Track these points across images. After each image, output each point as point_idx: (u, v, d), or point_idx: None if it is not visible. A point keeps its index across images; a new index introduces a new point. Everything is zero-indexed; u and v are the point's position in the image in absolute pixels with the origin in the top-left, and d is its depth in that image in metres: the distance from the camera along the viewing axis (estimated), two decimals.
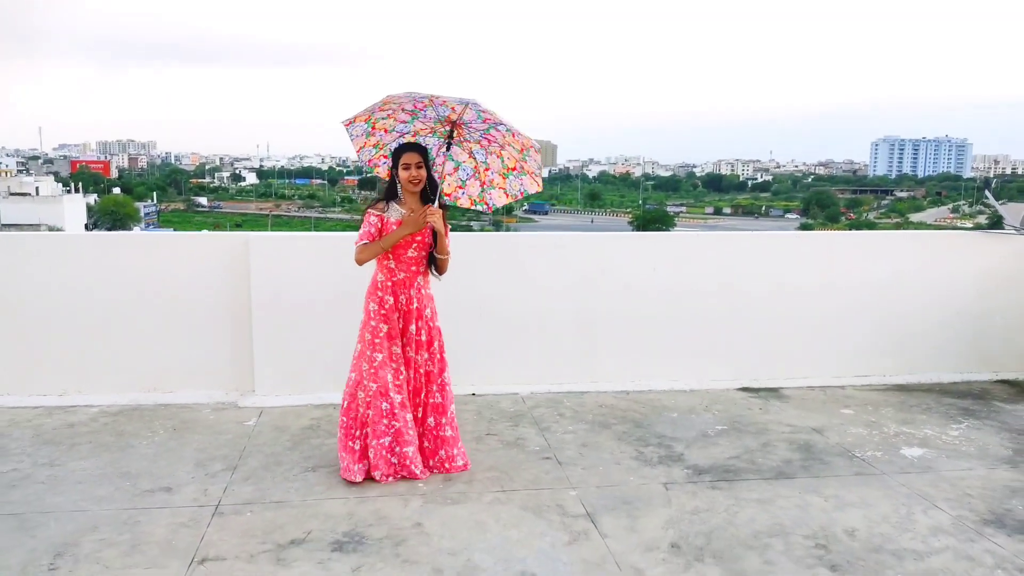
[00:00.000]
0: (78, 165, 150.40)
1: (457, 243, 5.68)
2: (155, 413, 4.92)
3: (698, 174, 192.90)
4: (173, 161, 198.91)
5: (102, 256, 5.25)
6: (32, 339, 5.10)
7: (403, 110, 3.84)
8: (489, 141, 4.00)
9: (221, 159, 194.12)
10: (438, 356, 4.05)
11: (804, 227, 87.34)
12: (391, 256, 3.90)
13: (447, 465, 4.03)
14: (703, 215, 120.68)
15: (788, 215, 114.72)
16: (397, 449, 3.91)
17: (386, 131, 3.94)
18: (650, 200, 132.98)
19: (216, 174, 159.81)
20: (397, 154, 3.83)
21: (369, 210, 3.89)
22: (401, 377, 3.93)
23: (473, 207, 4.11)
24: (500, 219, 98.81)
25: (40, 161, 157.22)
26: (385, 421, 3.89)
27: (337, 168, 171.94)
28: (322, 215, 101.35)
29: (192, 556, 3.22)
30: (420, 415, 4.04)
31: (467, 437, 4.48)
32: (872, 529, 3.57)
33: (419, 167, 3.81)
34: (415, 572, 3.15)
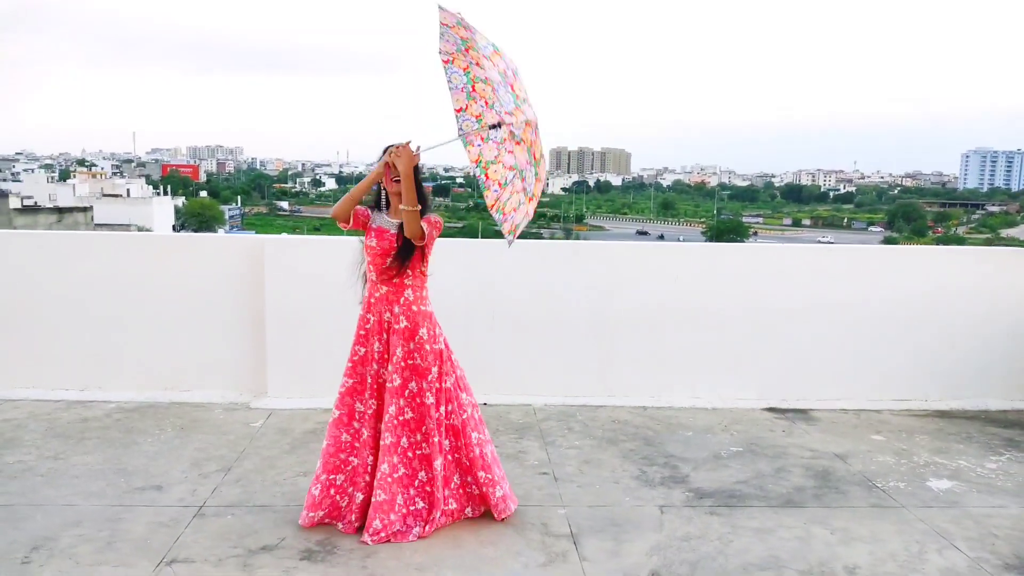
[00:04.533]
0: (168, 169, 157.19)
1: (470, 250, 5.64)
2: (168, 411, 4.99)
3: (777, 184, 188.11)
4: (258, 166, 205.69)
5: (125, 255, 5.38)
6: (55, 335, 5.26)
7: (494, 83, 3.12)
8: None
9: (303, 165, 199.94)
10: (436, 385, 3.42)
11: (888, 241, 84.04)
12: (372, 268, 3.42)
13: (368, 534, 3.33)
14: (781, 226, 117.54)
15: (872, 228, 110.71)
16: (350, 490, 3.45)
17: (487, 103, 3.11)
18: (726, 210, 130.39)
19: (298, 179, 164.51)
20: (386, 151, 3.31)
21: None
22: (371, 410, 3.43)
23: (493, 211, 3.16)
24: (571, 227, 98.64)
25: (133, 164, 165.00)
26: (342, 455, 3.48)
27: None
28: None
29: (163, 557, 3.21)
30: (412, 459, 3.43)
31: None
32: (876, 568, 3.30)
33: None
34: None
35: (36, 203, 64.73)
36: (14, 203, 63.55)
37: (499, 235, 3.54)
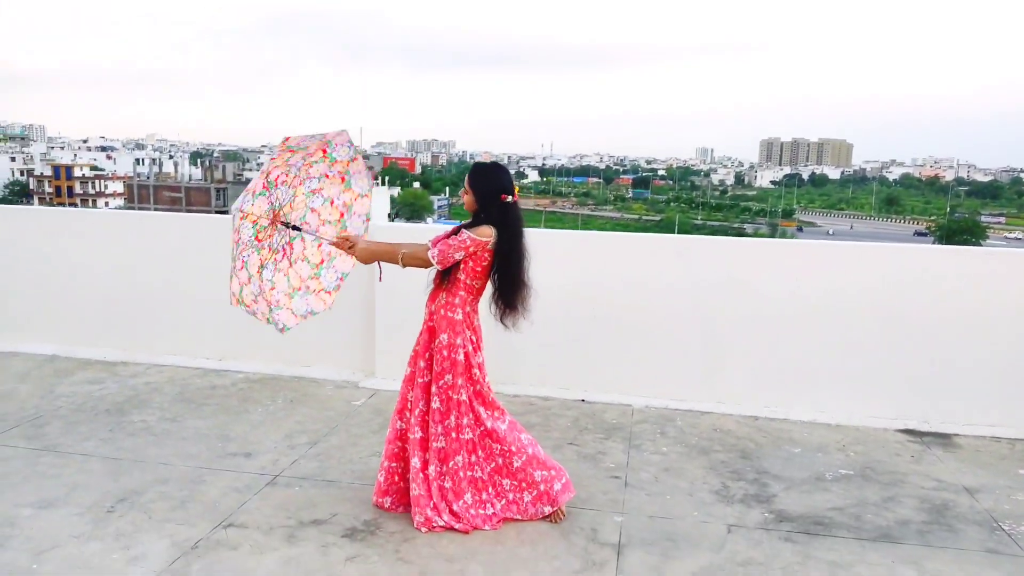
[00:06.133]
0: (389, 161, 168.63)
1: (574, 243, 5.51)
2: (286, 384, 5.34)
3: None
4: (468, 159, 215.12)
5: None
6: (201, 309, 5.79)
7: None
8: (284, 254, 3.63)
9: (509, 157, 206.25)
10: (444, 395, 3.39)
11: None
12: None
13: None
14: None
15: None
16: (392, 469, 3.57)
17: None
18: (961, 208, 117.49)
19: None
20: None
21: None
22: (409, 398, 3.52)
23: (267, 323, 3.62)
24: (777, 223, 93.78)
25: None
26: (399, 443, 3.56)
27: (614, 168, 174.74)
28: (594, 212, 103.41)
29: (223, 520, 3.44)
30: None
31: (547, 446, 4.28)
32: None
33: (465, 192, 3.47)
34: (400, 571, 3.08)
35: None
36: None
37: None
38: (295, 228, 3.57)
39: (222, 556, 3.15)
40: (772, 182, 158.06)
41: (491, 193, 3.38)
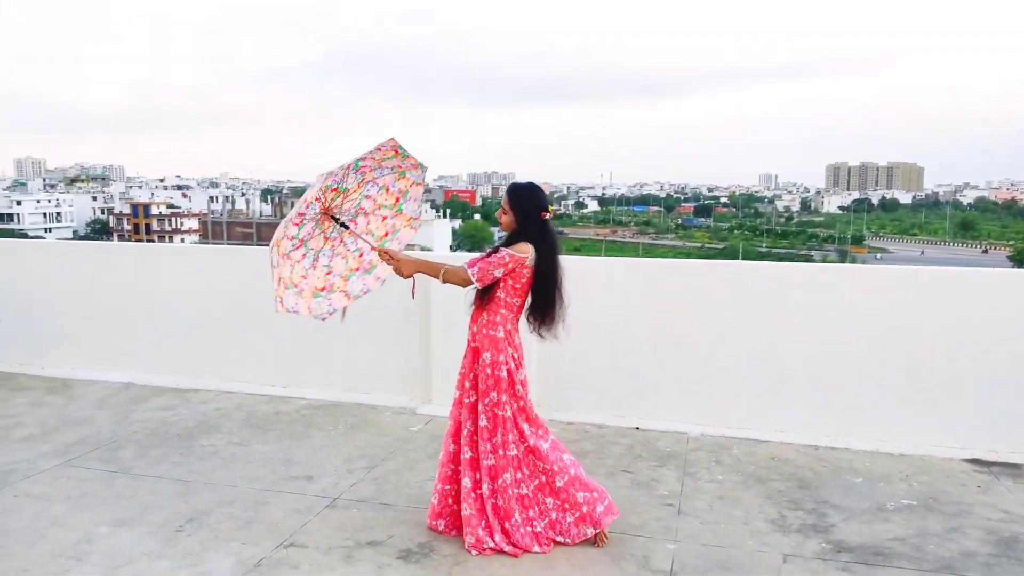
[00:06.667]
0: (450, 194, 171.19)
1: (630, 270, 5.56)
2: (346, 410, 5.49)
3: None
4: None
5: None
6: (268, 338, 6.02)
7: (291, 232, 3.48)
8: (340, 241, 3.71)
9: (568, 188, 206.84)
10: (490, 413, 3.47)
11: None
12: None
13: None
14: None
15: None
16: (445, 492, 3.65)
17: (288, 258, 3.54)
18: None
19: (562, 202, 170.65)
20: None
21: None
22: (462, 418, 3.58)
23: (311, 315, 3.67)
24: (847, 249, 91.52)
25: (422, 190, 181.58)
26: (452, 466, 3.63)
27: (675, 196, 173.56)
28: (655, 241, 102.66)
29: (284, 540, 3.57)
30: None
31: (601, 473, 4.33)
32: None
33: (503, 212, 3.54)
34: None
35: None
36: None
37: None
38: (343, 225, 3.61)
39: (283, 574, 3.27)
40: (840, 207, 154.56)
41: (532, 211, 3.49)
